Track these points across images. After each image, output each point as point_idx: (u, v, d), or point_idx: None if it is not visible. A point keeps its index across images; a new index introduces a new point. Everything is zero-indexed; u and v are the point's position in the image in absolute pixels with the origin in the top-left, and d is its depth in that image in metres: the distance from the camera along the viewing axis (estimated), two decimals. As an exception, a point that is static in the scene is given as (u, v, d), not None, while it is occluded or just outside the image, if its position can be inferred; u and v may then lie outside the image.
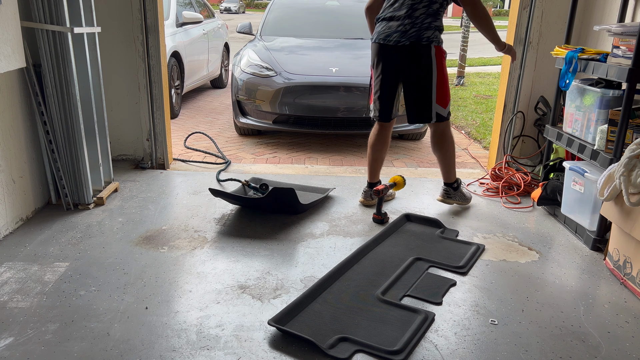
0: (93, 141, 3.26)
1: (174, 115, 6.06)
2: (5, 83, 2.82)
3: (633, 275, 2.42)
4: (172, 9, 6.46)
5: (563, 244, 2.92)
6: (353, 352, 1.92)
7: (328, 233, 2.97)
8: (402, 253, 2.72)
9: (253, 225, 3.04)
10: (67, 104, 3.03)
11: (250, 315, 2.15)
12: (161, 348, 1.94)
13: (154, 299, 2.26)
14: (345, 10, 6.29)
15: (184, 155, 4.48)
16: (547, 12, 3.75)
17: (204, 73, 7.40)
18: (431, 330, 2.08)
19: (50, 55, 2.95)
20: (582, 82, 3.09)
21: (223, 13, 33.81)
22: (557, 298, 2.36)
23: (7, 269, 2.47)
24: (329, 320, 2.11)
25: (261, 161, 4.52)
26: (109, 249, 2.71)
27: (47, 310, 2.14)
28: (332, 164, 4.47)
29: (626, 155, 2.36)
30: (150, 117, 3.93)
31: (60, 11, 2.88)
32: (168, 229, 2.96)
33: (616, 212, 2.50)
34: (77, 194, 3.19)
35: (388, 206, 3.30)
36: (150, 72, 3.83)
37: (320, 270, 2.53)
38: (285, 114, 4.88)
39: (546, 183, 3.30)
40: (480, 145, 5.27)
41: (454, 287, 2.42)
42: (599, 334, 2.10)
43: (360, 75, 4.88)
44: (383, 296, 2.29)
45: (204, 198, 3.43)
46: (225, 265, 2.57)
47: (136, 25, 3.73)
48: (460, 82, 9.74)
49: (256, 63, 5.07)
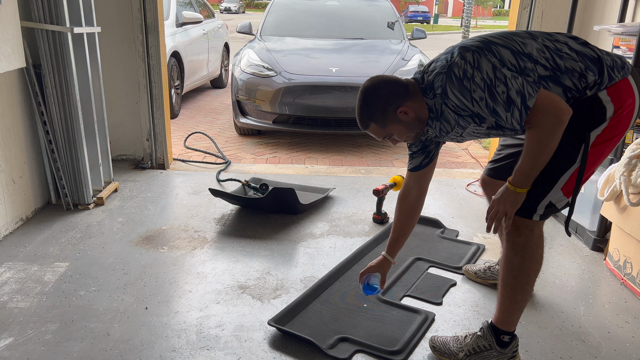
0: (93, 141, 3.26)
1: (174, 115, 6.06)
2: (5, 83, 2.81)
3: (633, 275, 2.42)
4: (172, 9, 6.45)
5: (563, 244, 2.92)
6: (353, 352, 1.92)
7: (328, 233, 2.97)
8: (402, 253, 2.72)
9: (253, 225, 3.04)
10: (67, 104, 3.02)
11: (250, 316, 2.15)
12: (161, 348, 1.94)
13: (154, 299, 2.25)
14: (346, 10, 6.29)
15: (184, 155, 4.47)
16: (547, 12, 3.75)
17: (204, 73, 7.39)
18: (431, 330, 2.08)
19: (50, 55, 2.95)
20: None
21: (223, 13, 33.83)
22: (557, 298, 2.36)
23: (7, 269, 2.47)
24: (329, 320, 2.11)
25: (261, 161, 4.52)
26: (109, 249, 2.70)
27: (47, 310, 2.14)
28: (332, 164, 4.46)
29: (626, 155, 2.36)
30: (150, 117, 3.93)
31: (60, 11, 2.88)
32: (168, 229, 2.96)
33: (616, 212, 2.50)
34: (77, 194, 3.19)
35: (388, 206, 3.30)
36: (150, 72, 3.83)
37: (320, 270, 2.52)
38: (285, 114, 4.88)
39: (546, 183, 3.30)
40: (480, 145, 5.27)
41: (454, 287, 2.42)
42: (599, 334, 2.10)
43: (361, 75, 4.87)
44: (383, 296, 2.29)
45: (204, 198, 3.43)
46: (225, 265, 2.57)
47: (136, 25, 3.73)
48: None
49: (256, 63, 5.07)
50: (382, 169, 4.27)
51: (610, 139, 1.70)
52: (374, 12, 6.23)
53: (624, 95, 1.67)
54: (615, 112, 1.66)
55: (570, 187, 1.71)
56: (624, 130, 1.72)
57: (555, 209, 1.75)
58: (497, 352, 1.83)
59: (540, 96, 1.59)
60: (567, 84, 1.65)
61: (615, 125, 1.68)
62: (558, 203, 1.73)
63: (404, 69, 5.03)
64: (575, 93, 1.66)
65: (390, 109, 1.73)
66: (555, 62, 1.65)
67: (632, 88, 1.68)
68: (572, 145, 1.67)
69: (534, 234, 1.75)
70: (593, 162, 1.72)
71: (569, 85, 1.65)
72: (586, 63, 1.66)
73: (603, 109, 1.66)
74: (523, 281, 1.78)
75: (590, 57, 1.68)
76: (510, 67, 1.62)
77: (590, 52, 1.69)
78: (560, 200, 1.72)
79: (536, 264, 1.79)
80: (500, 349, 1.83)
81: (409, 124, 1.77)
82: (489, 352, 1.83)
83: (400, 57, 5.24)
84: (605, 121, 1.66)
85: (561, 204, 1.74)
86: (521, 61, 1.63)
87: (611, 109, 1.66)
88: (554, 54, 1.66)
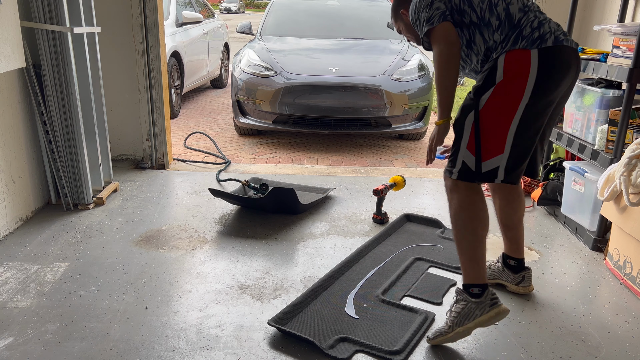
0: (93, 141, 3.26)
1: (174, 115, 6.06)
2: (5, 83, 2.82)
3: (633, 275, 2.42)
4: (172, 9, 6.46)
5: (563, 244, 2.92)
6: (353, 352, 1.92)
7: (328, 233, 2.97)
8: (402, 253, 2.72)
9: (253, 225, 3.04)
10: (66, 104, 3.02)
11: (250, 316, 2.15)
12: (161, 348, 1.94)
13: (154, 299, 2.25)
14: (346, 10, 6.29)
15: (183, 155, 4.47)
16: (547, 12, 3.71)
17: (203, 73, 7.40)
18: (431, 330, 2.08)
19: (50, 55, 2.95)
20: (582, 82, 3.08)
21: (223, 13, 33.80)
22: (557, 298, 2.36)
23: (7, 269, 2.47)
24: (329, 320, 2.11)
25: (261, 161, 4.52)
26: (108, 249, 2.70)
27: (47, 310, 2.14)
28: (332, 164, 4.46)
29: (626, 155, 2.36)
30: (150, 117, 3.93)
31: (60, 11, 2.88)
32: (168, 229, 2.96)
33: (616, 212, 2.50)
34: (77, 194, 3.19)
35: (388, 206, 3.30)
36: (150, 72, 3.83)
37: (320, 270, 2.52)
38: (285, 114, 4.88)
39: (546, 183, 3.30)
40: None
41: (454, 287, 2.42)
42: (599, 334, 2.10)
43: (361, 75, 4.88)
44: (383, 296, 2.29)
45: (204, 198, 3.43)
46: (225, 265, 2.57)
47: (136, 25, 3.73)
48: (460, 82, 9.74)
49: (256, 63, 5.07)
50: (382, 169, 4.27)
51: (501, 106, 1.86)
52: (374, 12, 6.23)
53: (515, 64, 1.83)
54: (503, 79, 1.84)
55: (472, 145, 1.90)
56: (516, 100, 1.84)
57: (470, 170, 1.92)
58: (474, 303, 1.94)
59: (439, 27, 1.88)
60: (485, 37, 1.92)
61: (502, 92, 1.85)
62: (469, 161, 1.92)
63: (404, 69, 5.04)
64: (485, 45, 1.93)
65: (397, 9, 2.15)
66: (483, 14, 1.91)
67: (530, 61, 1.82)
68: (468, 108, 1.90)
69: (461, 192, 1.96)
70: (489, 126, 1.88)
71: (486, 37, 1.92)
72: (502, 22, 1.89)
73: (494, 75, 1.86)
74: (462, 233, 1.99)
75: (513, 21, 1.89)
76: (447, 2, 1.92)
77: (520, 16, 1.89)
78: (468, 157, 1.92)
79: (472, 220, 1.98)
80: (475, 300, 1.94)
81: (408, 25, 2.12)
82: (468, 307, 1.95)
83: (400, 57, 5.24)
84: (492, 86, 1.85)
85: (471, 163, 1.91)
86: (462, 3, 1.93)
87: (500, 76, 1.84)
88: (487, 7, 1.91)
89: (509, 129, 1.87)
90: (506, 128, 1.87)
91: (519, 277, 2.34)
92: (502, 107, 1.87)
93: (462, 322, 1.93)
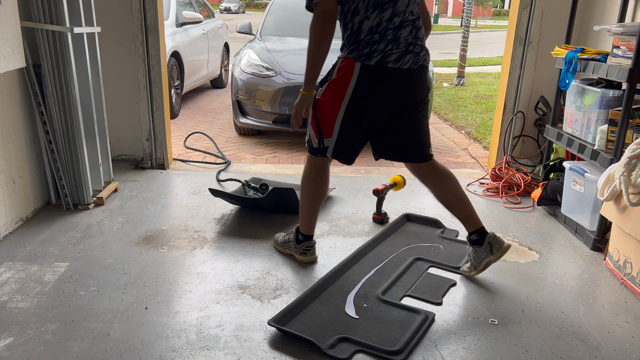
0: (93, 141, 3.26)
1: (174, 115, 6.06)
2: (5, 83, 2.82)
3: (633, 275, 2.42)
4: (172, 9, 6.46)
5: (563, 244, 2.92)
6: (353, 352, 1.92)
7: (328, 233, 2.97)
8: (402, 253, 2.72)
9: (253, 225, 3.04)
10: (66, 104, 3.02)
11: (250, 316, 2.15)
12: (161, 348, 1.94)
13: (153, 299, 2.26)
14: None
15: (183, 155, 4.47)
16: (547, 12, 3.75)
17: (203, 73, 7.40)
18: (431, 330, 2.08)
19: (50, 55, 2.95)
20: (582, 82, 3.09)
21: (223, 13, 33.80)
22: (557, 298, 2.36)
23: (7, 269, 2.47)
24: (329, 320, 2.11)
25: (261, 161, 4.52)
26: (108, 249, 2.70)
27: (47, 310, 2.14)
28: (332, 163, 4.45)
29: (626, 155, 2.36)
30: (150, 117, 3.93)
31: (60, 11, 2.88)
32: (168, 229, 2.96)
33: (616, 212, 2.50)
34: (77, 194, 3.19)
35: (388, 206, 3.30)
36: (150, 72, 3.83)
37: (320, 270, 2.52)
38: (285, 114, 4.88)
39: (546, 183, 3.30)
40: (480, 145, 5.27)
41: (454, 287, 2.42)
42: (599, 334, 2.10)
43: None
44: (383, 296, 2.29)
45: (204, 198, 3.43)
46: (225, 265, 2.57)
47: (136, 25, 3.73)
48: (460, 82, 9.74)
49: (256, 63, 5.07)
50: (381, 169, 4.27)
51: (329, 99, 2.26)
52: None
53: (344, 69, 2.22)
54: (335, 78, 2.25)
55: (314, 128, 2.32)
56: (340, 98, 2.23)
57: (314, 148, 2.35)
58: (294, 245, 2.60)
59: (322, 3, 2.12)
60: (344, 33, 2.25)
61: (331, 88, 2.26)
62: (313, 141, 2.35)
63: (403, 69, 5.03)
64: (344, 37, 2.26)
65: None
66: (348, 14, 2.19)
67: (354, 71, 2.19)
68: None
69: (308, 166, 2.45)
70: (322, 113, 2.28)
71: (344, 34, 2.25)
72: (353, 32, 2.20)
73: (332, 71, 2.29)
74: (303, 197, 2.50)
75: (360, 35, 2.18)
76: None
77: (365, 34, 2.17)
78: (312, 137, 2.34)
79: (309, 191, 2.48)
80: (296, 244, 2.60)
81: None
82: (290, 243, 2.63)
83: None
84: (328, 80, 2.29)
85: (315, 142, 2.34)
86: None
87: (334, 74, 2.26)
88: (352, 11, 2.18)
89: (336, 120, 2.27)
90: (333, 118, 2.27)
91: (488, 247, 2.39)
92: (331, 100, 2.26)
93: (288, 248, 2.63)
